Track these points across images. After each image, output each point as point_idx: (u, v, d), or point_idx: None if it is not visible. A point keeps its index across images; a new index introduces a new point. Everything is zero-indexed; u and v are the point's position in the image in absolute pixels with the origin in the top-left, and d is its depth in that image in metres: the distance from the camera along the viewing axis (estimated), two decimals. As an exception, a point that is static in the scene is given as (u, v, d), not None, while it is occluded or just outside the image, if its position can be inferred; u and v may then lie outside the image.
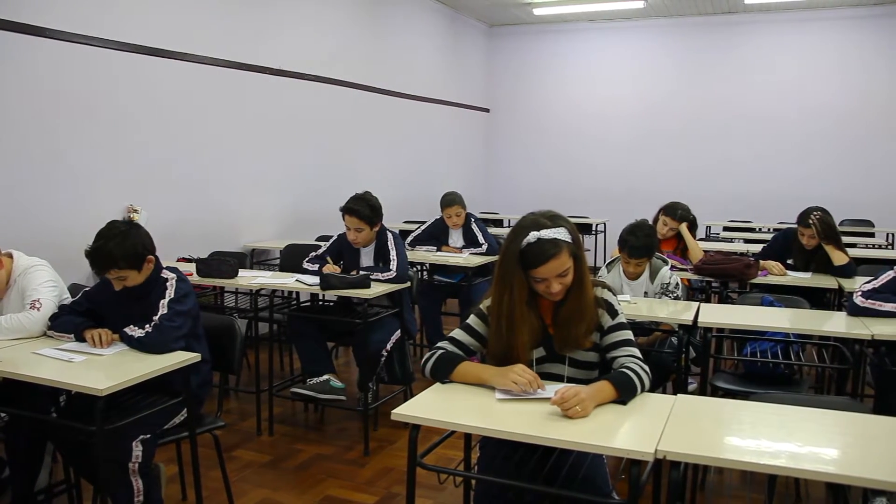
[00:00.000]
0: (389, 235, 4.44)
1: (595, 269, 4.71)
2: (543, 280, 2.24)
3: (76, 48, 4.68)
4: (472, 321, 2.42)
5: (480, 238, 5.69)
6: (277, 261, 5.91)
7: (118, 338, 2.86)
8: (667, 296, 3.96)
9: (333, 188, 6.80)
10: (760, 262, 4.69)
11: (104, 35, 4.85)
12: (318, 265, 4.36)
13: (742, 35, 9.65)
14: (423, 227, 5.91)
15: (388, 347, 4.26)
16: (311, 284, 4.14)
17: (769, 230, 8.03)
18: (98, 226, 2.92)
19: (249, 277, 4.41)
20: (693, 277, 4.79)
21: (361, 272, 4.23)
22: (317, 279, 4.14)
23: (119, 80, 5.00)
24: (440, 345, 2.43)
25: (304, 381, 4.29)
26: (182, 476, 3.40)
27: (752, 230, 8.32)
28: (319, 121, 7.13)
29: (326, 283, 4.03)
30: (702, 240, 6.48)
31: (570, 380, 2.36)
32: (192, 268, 4.39)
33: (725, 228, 8.54)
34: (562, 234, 2.22)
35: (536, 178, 10.75)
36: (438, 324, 5.69)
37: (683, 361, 3.60)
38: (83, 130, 4.77)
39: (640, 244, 3.90)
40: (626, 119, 10.26)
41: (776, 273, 4.63)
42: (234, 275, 4.36)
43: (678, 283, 4.03)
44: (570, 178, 10.56)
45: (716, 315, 3.60)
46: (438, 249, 5.75)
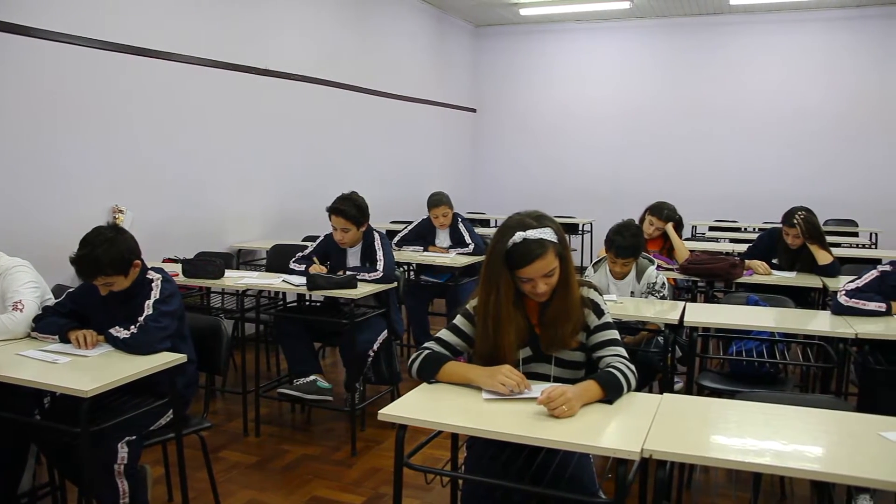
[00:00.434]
0: (376, 235, 4.43)
1: (581, 269, 4.72)
2: (529, 280, 2.24)
3: (62, 48, 4.64)
4: (459, 321, 2.43)
5: (467, 238, 5.69)
6: (264, 261, 5.89)
7: (103, 339, 2.84)
8: (653, 295, 3.97)
9: (320, 188, 6.78)
10: (746, 262, 4.71)
11: (91, 35, 4.81)
12: (305, 265, 4.35)
13: (727, 36, 9.70)
14: (410, 227, 5.91)
15: (375, 348, 4.26)
16: (298, 285, 4.13)
17: (754, 230, 8.07)
18: (83, 226, 2.90)
19: (236, 278, 4.39)
20: (679, 277, 4.81)
21: (348, 272, 4.22)
22: (303, 279, 4.13)
23: (105, 80, 4.96)
24: (426, 345, 2.43)
25: (291, 382, 4.28)
26: (168, 477, 3.38)
27: (738, 230, 8.36)
28: (306, 121, 7.11)
29: (313, 284, 4.02)
30: (688, 239, 6.51)
31: (557, 379, 2.36)
32: (178, 268, 4.37)
33: (711, 228, 8.59)
34: (548, 235, 2.23)
35: (523, 178, 10.77)
36: (425, 324, 5.70)
37: (670, 361, 3.61)
38: (68, 130, 4.74)
39: (627, 244, 3.91)
40: (613, 119, 10.29)
41: (761, 272, 4.66)
42: (221, 275, 4.34)
43: (664, 283, 4.05)
44: (557, 178, 10.58)
45: (702, 314, 3.62)
46: (425, 249, 5.75)
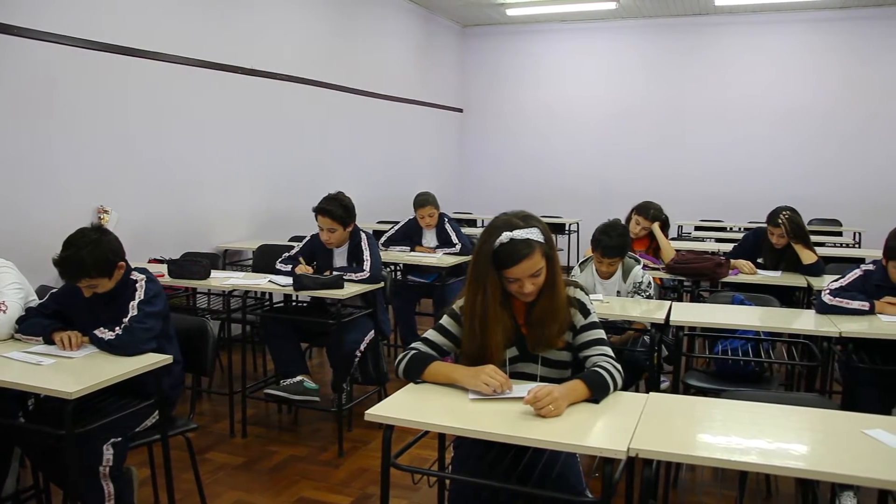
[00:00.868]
0: (363, 236, 4.43)
1: (568, 269, 4.73)
2: (516, 280, 2.24)
3: (47, 47, 4.60)
4: (446, 321, 2.43)
5: (454, 238, 5.70)
6: (250, 261, 5.87)
7: (88, 340, 2.82)
8: (639, 295, 3.99)
9: (306, 188, 6.76)
10: (731, 261, 4.74)
11: (77, 34, 4.78)
12: (291, 266, 4.34)
13: (712, 36, 9.75)
14: (397, 227, 5.91)
15: (362, 348, 4.26)
16: (284, 285, 4.12)
17: (740, 230, 8.12)
18: (68, 226, 2.88)
19: (222, 278, 4.37)
20: (665, 276, 4.83)
21: (335, 272, 4.21)
22: (290, 280, 4.12)
23: (91, 80, 4.93)
24: (413, 345, 2.43)
25: (278, 383, 4.27)
26: (154, 479, 3.36)
27: (724, 230, 8.41)
28: (292, 121, 7.10)
29: (299, 284, 4.01)
30: (674, 239, 6.54)
31: (543, 379, 2.37)
32: (164, 269, 4.35)
33: (697, 228, 8.63)
34: (534, 235, 2.23)
35: (510, 178, 10.78)
36: (412, 324, 5.69)
37: (656, 360, 3.62)
38: (53, 130, 4.70)
39: (614, 244, 3.92)
40: (599, 119, 10.32)
41: (747, 272, 4.68)
42: (207, 276, 4.32)
43: (650, 282, 4.06)
44: (543, 178, 10.61)
45: (687, 314, 3.63)
46: (412, 249, 5.74)
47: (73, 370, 2.60)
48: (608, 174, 10.29)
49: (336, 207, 4.29)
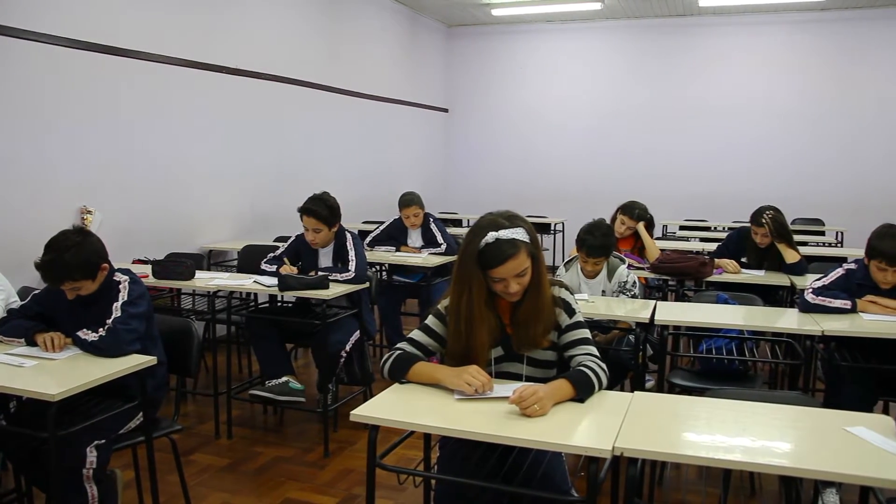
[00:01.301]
0: (348, 236, 4.42)
1: (553, 269, 4.75)
2: (501, 280, 2.24)
3: (28, 45, 4.56)
4: (431, 322, 2.43)
5: (439, 238, 5.70)
6: (235, 262, 5.84)
7: (71, 342, 2.80)
8: (624, 294, 4.00)
9: (291, 188, 6.74)
10: (715, 261, 4.77)
11: (58, 33, 4.74)
12: (276, 266, 4.32)
13: (697, 37, 9.80)
14: (382, 228, 5.90)
15: (348, 348, 4.25)
16: (269, 286, 4.11)
17: (724, 229, 8.15)
18: (51, 227, 2.86)
19: (206, 279, 4.35)
20: (650, 276, 4.86)
21: (320, 273, 4.20)
22: (275, 280, 4.10)
23: (73, 80, 4.89)
24: (398, 346, 2.43)
25: (263, 383, 4.25)
26: (139, 482, 3.34)
27: (708, 229, 8.44)
28: (277, 121, 7.07)
29: (284, 284, 4.00)
30: (658, 239, 6.57)
31: (529, 379, 2.37)
32: (148, 269, 4.32)
33: (682, 227, 8.66)
34: (520, 235, 2.24)
35: (495, 178, 10.79)
36: (398, 324, 5.69)
37: (641, 359, 3.64)
38: (37, 130, 4.66)
39: (598, 243, 3.93)
40: (584, 119, 10.35)
41: (731, 271, 4.71)
42: (191, 276, 4.30)
43: (635, 282, 4.08)
44: (529, 178, 10.62)
45: (672, 313, 3.65)
46: (397, 249, 5.74)
47: (56, 372, 2.58)
48: (593, 174, 10.31)
49: (321, 207, 4.28)
